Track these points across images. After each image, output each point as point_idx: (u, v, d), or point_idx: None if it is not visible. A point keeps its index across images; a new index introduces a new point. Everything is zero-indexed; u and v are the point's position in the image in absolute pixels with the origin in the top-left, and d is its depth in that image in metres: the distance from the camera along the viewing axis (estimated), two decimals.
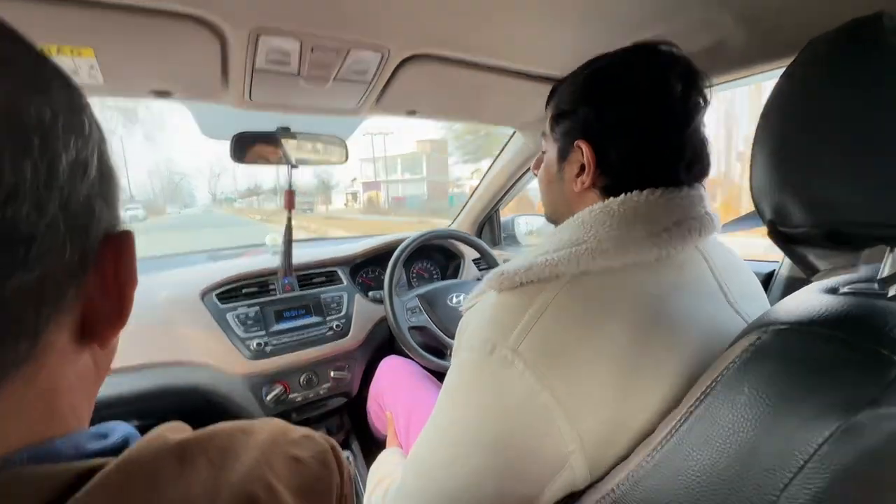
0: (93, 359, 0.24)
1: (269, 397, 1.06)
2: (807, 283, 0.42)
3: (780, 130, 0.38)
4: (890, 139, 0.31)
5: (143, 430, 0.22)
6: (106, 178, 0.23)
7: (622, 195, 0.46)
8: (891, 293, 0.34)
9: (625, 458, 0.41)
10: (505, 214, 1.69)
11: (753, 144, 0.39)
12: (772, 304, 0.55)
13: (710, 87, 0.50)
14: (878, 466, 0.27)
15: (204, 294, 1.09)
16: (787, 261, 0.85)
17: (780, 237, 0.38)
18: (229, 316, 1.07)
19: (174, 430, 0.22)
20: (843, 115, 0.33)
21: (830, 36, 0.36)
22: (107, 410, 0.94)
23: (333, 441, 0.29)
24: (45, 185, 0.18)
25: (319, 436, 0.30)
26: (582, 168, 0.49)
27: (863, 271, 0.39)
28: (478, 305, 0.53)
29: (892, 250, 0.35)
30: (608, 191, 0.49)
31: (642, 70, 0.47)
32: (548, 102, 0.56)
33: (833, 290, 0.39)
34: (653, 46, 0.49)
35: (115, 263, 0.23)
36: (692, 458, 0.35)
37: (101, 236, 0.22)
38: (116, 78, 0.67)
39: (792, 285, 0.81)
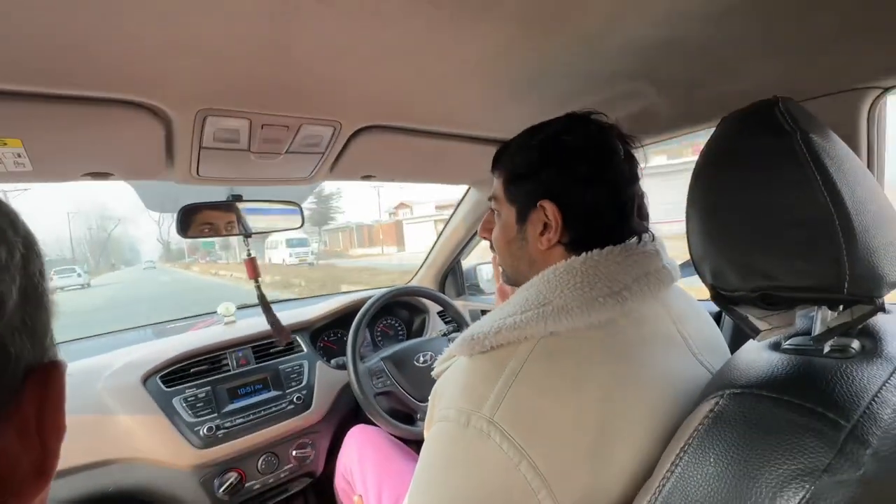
0: None
1: (221, 489, 0.95)
2: None
3: (705, 201, 0.41)
4: (794, 211, 0.34)
5: None
6: (31, 305, 0.19)
7: (583, 254, 0.48)
8: (826, 349, 0.37)
9: None
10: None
11: (687, 212, 0.42)
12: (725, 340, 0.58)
13: (642, 146, 0.55)
14: None
15: (146, 378, 0.99)
16: None
17: (722, 300, 0.40)
18: (176, 401, 0.98)
19: None
20: (752, 191, 0.37)
21: (736, 117, 0.40)
22: None
23: None
24: None
25: None
26: (545, 226, 0.51)
27: (798, 323, 0.41)
28: (449, 372, 0.52)
29: (819, 309, 0.38)
30: (574, 245, 0.51)
31: (587, 134, 0.53)
32: (494, 169, 0.59)
33: (776, 346, 0.41)
34: (586, 115, 0.54)
35: (37, 406, 0.19)
36: None
37: (20, 376, 0.19)
38: (47, 164, 0.63)
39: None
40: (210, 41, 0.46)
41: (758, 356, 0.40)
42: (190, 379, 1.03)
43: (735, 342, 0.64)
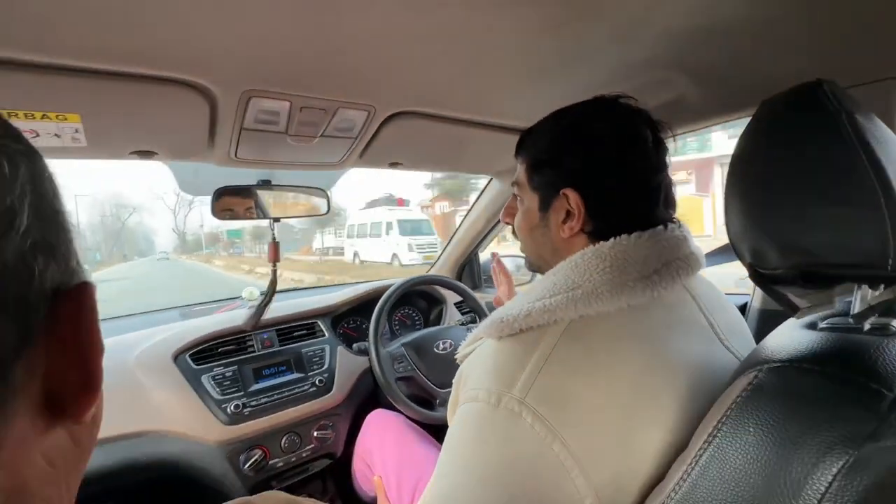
0: (70, 435, 0.20)
1: (247, 465, 0.98)
2: (778, 315, 0.45)
3: (746, 181, 0.42)
4: (839, 189, 0.35)
5: None
6: (50, 225, 0.19)
7: (612, 239, 0.48)
8: (865, 328, 0.37)
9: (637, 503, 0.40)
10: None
11: (725, 193, 0.43)
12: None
13: (674, 136, 0.55)
14: (887, 499, 0.29)
15: (177, 355, 1.02)
16: (758, 294, 0.90)
17: (761, 278, 0.41)
18: (205, 378, 1.01)
19: None
20: (796, 169, 0.38)
21: (779, 99, 0.41)
22: None
23: None
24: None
25: None
26: (568, 214, 0.51)
27: (836, 306, 0.42)
28: (476, 354, 0.52)
29: (860, 288, 0.38)
30: (597, 234, 0.50)
31: (613, 120, 0.52)
32: (517, 154, 0.59)
33: (812, 326, 0.42)
34: (613, 99, 0.53)
35: (73, 324, 0.20)
36: (709, 503, 0.35)
37: (48, 296, 0.19)
38: (101, 141, 0.66)
39: (765, 317, 0.85)
40: (258, 24, 0.48)
41: (795, 334, 0.41)
42: (217, 358, 1.06)
43: (760, 335, 0.64)
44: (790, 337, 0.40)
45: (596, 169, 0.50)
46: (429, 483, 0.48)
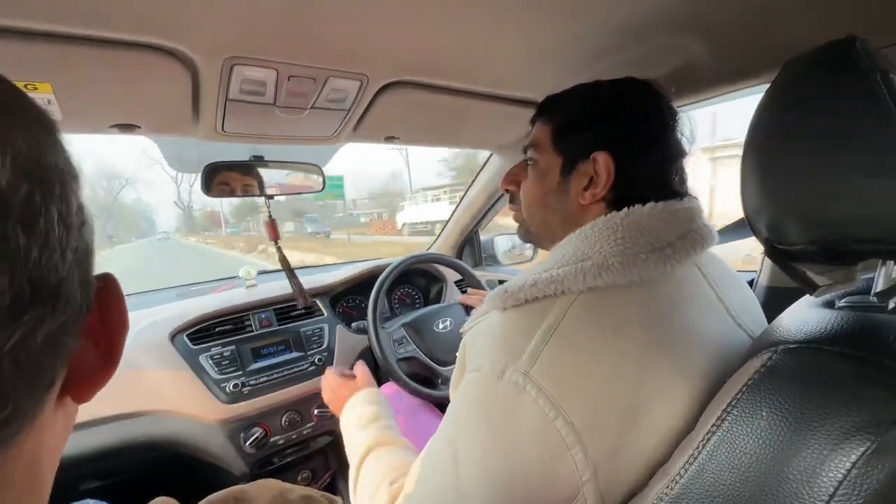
0: (65, 415, 0.21)
1: (248, 443, 0.99)
2: (787, 293, 0.43)
3: (766, 149, 0.38)
4: (870, 157, 0.32)
5: (104, 491, 0.20)
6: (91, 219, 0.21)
7: (625, 209, 0.46)
8: (891, 306, 0.35)
9: (639, 484, 0.40)
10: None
11: (743, 162, 0.40)
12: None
13: (682, 106, 0.53)
14: None
15: (174, 335, 1.01)
16: (766, 270, 0.88)
17: (778, 254, 0.38)
18: (202, 358, 1.00)
19: None
20: (825, 134, 0.34)
21: (806, 58, 0.37)
22: (63, 473, 0.85)
23: (333, 497, 0.28)
24: (66, 230, 0.18)
25: (320, 494, 0.29)
26: (591, 181, 0.49)
27: (857, 283, 0.39)
28: (481, 324, 0.51)
29: (884, 264, 0.36)
30: (615, 203, 0.48)
31: (651, 95, 0.51)
32: (543, 114, 0.56)
33: (830, 304, 0.40)
34: (644, 81, 0.52)
35: (107, 306, 0.22)
36: (716, 487, 0.34)
37: (93, 277, 0.21)
38: (76, 113, 0.62)
39: (772, 295, 0.83)
40: None
41: (811, 313, 0.38)
42: (215, 338, 1.05)
43: (768, 313, 0.62)
44: (807, 316, 0.38)
45: (637, 137, 0.49)
46: (428, 444, 0.48)
